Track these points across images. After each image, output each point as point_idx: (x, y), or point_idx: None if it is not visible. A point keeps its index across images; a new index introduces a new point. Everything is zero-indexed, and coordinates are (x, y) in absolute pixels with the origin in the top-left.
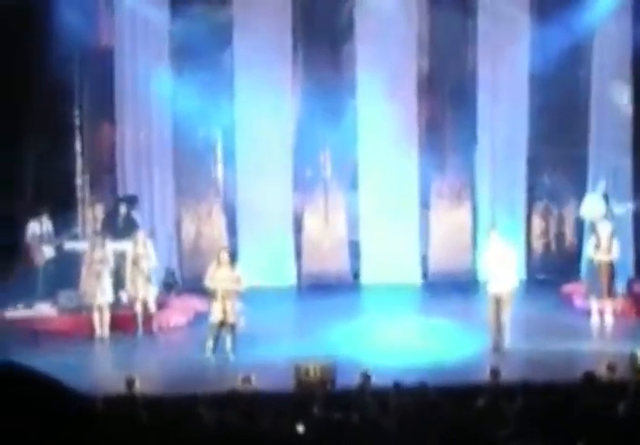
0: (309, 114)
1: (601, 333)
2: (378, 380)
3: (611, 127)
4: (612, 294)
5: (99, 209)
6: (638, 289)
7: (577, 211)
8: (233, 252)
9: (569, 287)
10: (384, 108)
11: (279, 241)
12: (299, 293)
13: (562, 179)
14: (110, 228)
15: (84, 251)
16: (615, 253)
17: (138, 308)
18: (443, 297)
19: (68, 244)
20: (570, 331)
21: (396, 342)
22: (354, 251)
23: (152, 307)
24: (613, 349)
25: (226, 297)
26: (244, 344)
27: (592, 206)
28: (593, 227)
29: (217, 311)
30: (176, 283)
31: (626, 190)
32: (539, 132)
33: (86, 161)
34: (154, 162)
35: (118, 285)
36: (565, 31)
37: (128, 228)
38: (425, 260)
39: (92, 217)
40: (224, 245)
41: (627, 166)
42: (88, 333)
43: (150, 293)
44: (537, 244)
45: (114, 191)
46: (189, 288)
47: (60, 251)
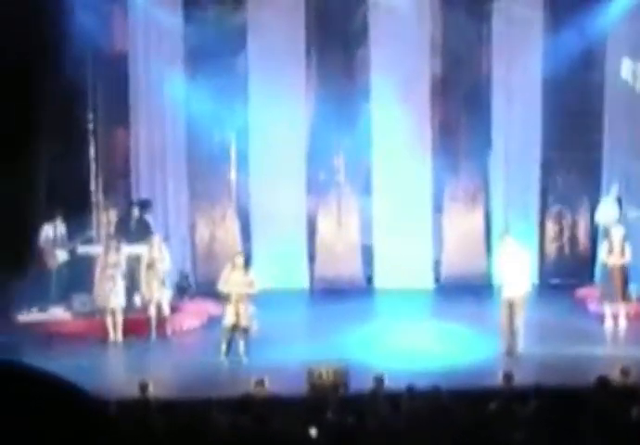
0: (322, 118)
1: (614, 337)
2: (391, 384)
3: (625, 131)
4: (626, 298)
5: (113, 213)
6: None
7: (590, 215)
8: (246, 256)
9: (582, 291)
10: (398, 112)
11: (292, 245)
12: (311, 297)
13: (576, 183)
14: (123, 232)
15: (98, 255)
16: (628, 257)
17: (152, 311)
18: (456, 301)
19: (81, 248)
20: (584, 335)
21: (409, 346)
22: (367, 255)
23: (166, 310)
24: (626, 353)
25: (240, 300)
26: (257, 347)
27: (606, 210)
28: (606, 231)
29: (230, 315)
30: (190, 286)
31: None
32: (552, 136)
33: (100, 165)
34: (168, 166)
35: (131, 288)
36: (578, 34)
37: (141, 232)
38: (438, 264)
39: (106, 221)
40: (240, 249)
41: None
42: (102, 336)
43: (165, 296)
44: (550, 248)
45: (128, 195)
46: (203, 292)
47: (74, 255)
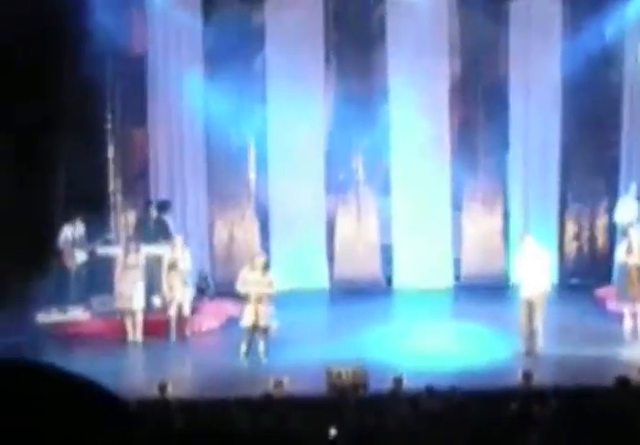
0: (341, 118)
1: (634, 337)
2: (411, 384)
3: None
4: None
5: (132, 213)
6: None
7: (610, 215)
8: (266, 256)
9: (601, 291)
10: (416, 113)
11: (312, 245)
12: (331, 297)
13: (594, 182)
14: (142, 233)
15: (117, 256)
16: None
17: (172, 312)
18: (475, 301)
19: (100, 249)
20: (603, 335)
21: (428, 346)
22: (387, 255)
23: (187, 311)
24: None
25: (259, 301)
26: (276, 348)
27: (624, 210)
28: (625, 231)
29: (249, 315)
30: (209, 287)
31: None
32: (571, 135)
33: (119, 166)
34: (187, 167)
35: (151, 289)
36: (597, 34)
37: (160, 233)
38: (457, 263)
39: (124, 222)
40: (260, 250)
41: None
42: (121, 337)
43: (186, 297)
44: (570, 248)
45: (147, 196)
46: (222, 292)
47: (93, 256)
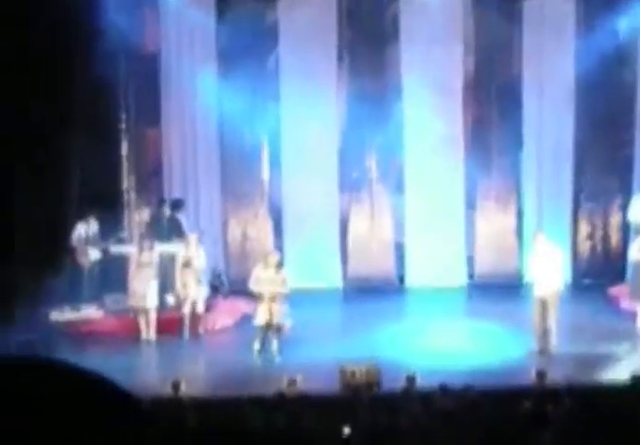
0: (355, 116)
1: None
2: (424, 383)
3: None
4: None
5: (145, 212)
6: None
7: (623, 214)
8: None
9: (614, 290)
10: (430, 111)
11: (325, 243)
12: (344, 295)
13: (608, 181)
14: (155, 231)
15: (130, 254)
16: None
17: (186, 310)
18: (489, 299)
19: (114, 247)
20: (617, 333)
21: (441, 345)
22: (400, 253)
23: (200, 308)
24: None
25: (272, 299)
26: (290, 346)
27: (638, 208)
28: (638, 229)
29: (263, 313)
30: (222, 285)
31: None
32: (584, 134)
33: (132, 164)
34: (200, 165)
35: (164, 287)
36: (610, 32)
37: (173, 231)
38: (471, 261)
39: (138, 220)
40: (273, 249)
41: None
42: (134, 335)
43: (200, 295)
44: (583, 246)
45: (160, 194)
46: (235, 290)
47: (106, 254)
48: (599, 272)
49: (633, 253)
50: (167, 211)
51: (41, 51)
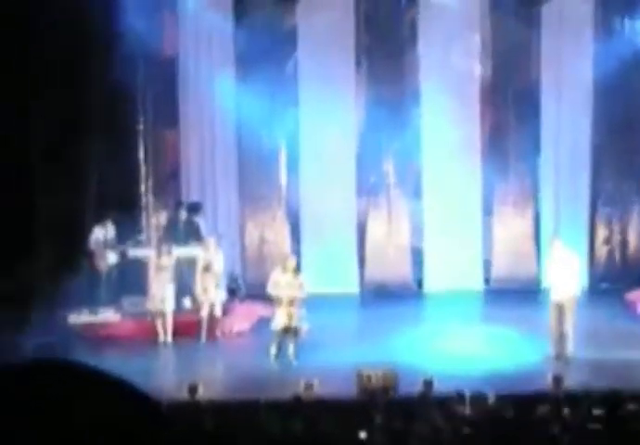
0: (372, 121)
1: None
2: (441, 387)
3: None
4: None
5: (163, 215)
6: None
7: None
8: (296, 259)
9: (632, 295)
10: (447, 117)
11: (342, 248)
12: (361, 300)
13: (625, 186)
14: (172, 234)
15: (148, 258)
16: None
17: (204, 313)
18: (506, 304)
19: (131, 250)
20: (634, 339)
21: (459, 350)
22: (417, 258)
23: (218, 312)
24: None
25: (291, 303)
26: (307, 350)
27: None
28: None
29: (281, 318)
30: (240, 289)
31: None
32: (602, 138)
33: (150, 167)
34: (218, 169)
35: (181, 290)
36: (629, 37)
37: (190, 234)
38: (488, 266)
39: (156, 223)
40: (290, 252)
41: None
42: (152, 338)
43: (219, 298)
44: (600, 252)
45: (178, 197)
46: (252, 294)
47: (124, 257)
48: (616, 276)
49: None
50: (184, 215)
51: (60, 55)
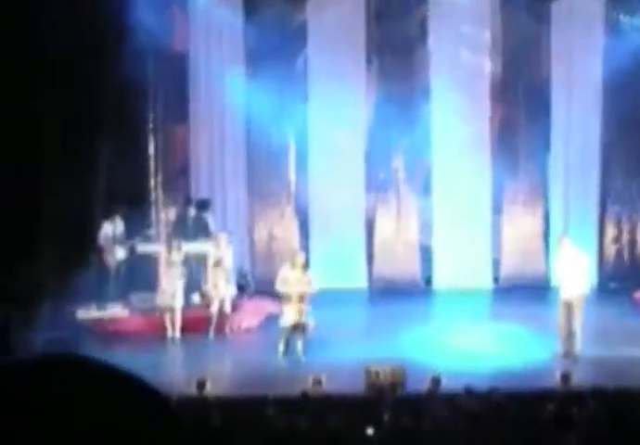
0: (382, 118)
1: None
2: (449, 384)
3: None
4: None
5: (172, 211)
6: None
7: None
8: (305, 255)
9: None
10: (457, 113)
11: (351, 244)
12: (370, 297)
13: (635, 185)
14: (180, 230)
15: (156, 253)
16: None
17: (214, 309)
18: (515, 302)
19: (140, 246)
20: None
21: (467, 347)
22: (426, 255)
23: (228, 308)
24: None
25: (300, 300)
26: (315, 346)
27: None
28: None
29: (291, 314)
30: (249, 285)
31: None
32: (612, 137)
33: (160, 164)
34: (227, 165)
35: (190, 286)
36: (638, 36)
37: (199, 231)
38: (497, 264)
39: (165, 219)
40: (298, 248)
41: None
42: (160, 334)
43: (229, 294)
44: (609, 250)
45: (187, 193)
46: (261, 290)
47: (133, 253)
48: (625, 275)
49: None
50: (193, 211)
51: (70, 51)
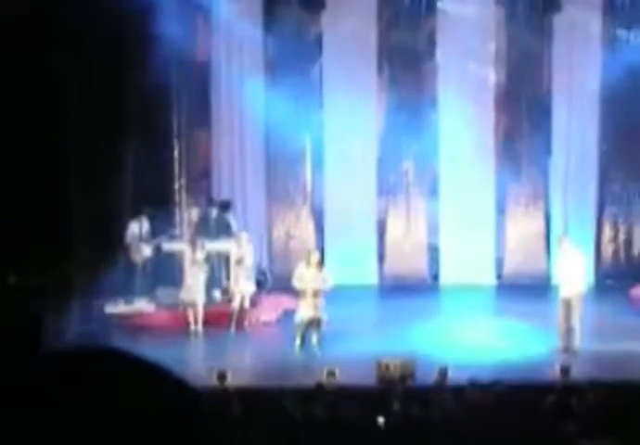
0: (393, 125)
1: None
2: (455, 376)
3: None
4: None
5: (195, 211)
6: None
7: None
8: (320, 254)
9: (636, 291)
10: (463, 121)
11: (363, 244)
12: (380, 293)
13: (632, 188)
14: (203, 230)
15: (181, 251)
16: None
17: (236, 304)
18: (517, 299)
19: (165, 244)
20: (637, 332)
21: (472, 341)
22: (433, 254)
23: (248, 303)
24: None
25: (315, 296)
26: (329, 340)
27: None
28: None
29: (306, 310)
30: (267, 281)
31: None
32: (609, 145)
33: (184, 167)
34: (247, 168)
35: (211, 283)
36: (635, 49)
37: (220, 230)
38: (500, 263)
39: (188, 219)
40: (314, 247)
41: None
42: (183, 328)
43: (249, 290)
44: (606, 250)
45: (209, 194)
46: (279, 287)
47: (158, 251)
48: (621, 274)
49: None
50: (215, 211)
51: (104, 61)
